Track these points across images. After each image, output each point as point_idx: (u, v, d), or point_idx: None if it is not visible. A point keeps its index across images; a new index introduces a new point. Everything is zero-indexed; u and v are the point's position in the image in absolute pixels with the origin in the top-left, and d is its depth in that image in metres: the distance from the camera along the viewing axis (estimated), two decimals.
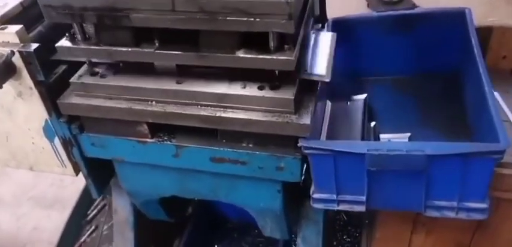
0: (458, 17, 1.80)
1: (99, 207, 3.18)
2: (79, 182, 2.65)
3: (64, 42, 1.52)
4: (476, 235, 1.76)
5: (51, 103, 1.61)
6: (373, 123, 1.77)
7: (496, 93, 1.68)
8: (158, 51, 1.44)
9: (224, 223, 2.93)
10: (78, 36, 1.50)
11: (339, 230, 2.75)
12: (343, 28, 1.98)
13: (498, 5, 2.77)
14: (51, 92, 1.60)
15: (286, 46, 1.34)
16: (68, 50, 1.52)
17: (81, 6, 1.39)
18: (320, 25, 1.93)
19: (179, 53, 1.42)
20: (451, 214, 1.39)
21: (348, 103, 1.63)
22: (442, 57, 1.93)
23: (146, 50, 1.45)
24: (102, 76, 1.58)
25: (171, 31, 1.37)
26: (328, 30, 1.91)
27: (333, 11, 2.03)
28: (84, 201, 3.17)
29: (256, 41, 1.35)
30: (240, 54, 1.37)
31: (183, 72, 1.52)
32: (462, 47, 1.79)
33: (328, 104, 1.60)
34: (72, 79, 1.58)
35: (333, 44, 1.55)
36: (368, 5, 3.45)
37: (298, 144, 1.41)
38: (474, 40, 1.61)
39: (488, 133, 1.30)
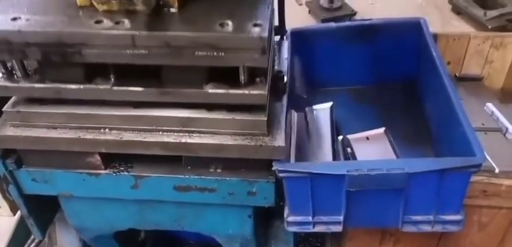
0: (414, 27, 1.83)
1: (37, 240, 2.84)
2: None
3: (0, 80, 1.30)
4: (441, 242, 1.79)
5: None
6: (340, 137, 1.73)
7: None
8: (115, 88, 1.28)
9: (181, 245, 2.76)
10: (18, 73, 1.29)
11: (301, 242, 2.71)
12: (302, 39, 1.94)
13: (442, 13, 2.92)
14: None
15: (257, 79, 1.26)
16: (6, 89, 1.30)
17: (22, 42, 1.18)
18: (279, 37, 1.88)
19: (140, 89, 1.27)
20: (427, 228, 1.38)
21: (314, 112, 1.58)
22: (400, 67, 1.96)
23: (101, 87, 1.28)
24: (42, 102, 1.36)
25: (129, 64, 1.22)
26: (287, 41, 1.86)
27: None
28: (19, 235, 2.82)
29: (224, 74, 1.24)
30: (209, 89, 1.26)
31: None
32: (419, 56, 1.83)
33: (294, 114, 1.53)
34: (6, 108, 1.35)
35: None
36: (309, 12, 3.48)
37: (273, 168, 1.32)
38: (434, 50, 1.63)
39: (460, 146, 1.31)
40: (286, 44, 1.79)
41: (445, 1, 3.67)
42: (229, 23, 1.18)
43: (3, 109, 1.35)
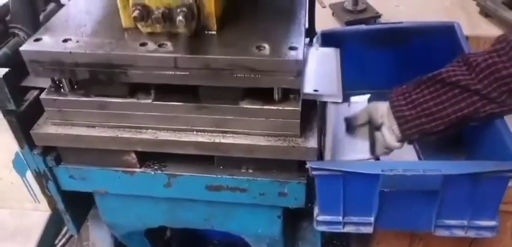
0: (447, 31, 1.80)
1: (67, 236, 2.92)
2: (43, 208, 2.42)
3: (49, 94, 1.37)
4: (473, 246, 1.76)
5: (22, 134, 1.43)
6: None
7: None
8: (155, 103, 1.33)
9: (206, 244, 2.80)
10: (65, 87, 1.36)
11: (324, 244, 2.70)
12: (331, 40, 1.94)
13: (470, 16, 2.86)
14: (23, 122, 1.42)
15: (291, 96, 1.30)
16: (54, 102, 1.37)
17: (73, 62, 1.25)
18: (308, 39, 1.89)
19: (179, 104, 1.32)
20: (461, 233, 1.36)
21: (349, 105, 1.56)
22: (430, 71, 1.92)
23: (142, 101, 1.34)
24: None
25: None
26: (317, 43, 1.86)
27: None
28: (51, 231, 2.90)
29: (259, 90, 1.29)
30: (244, 104, 1.30)
31: None
32: (452, 61, 1.80)
33: (331, 108, 1.53)
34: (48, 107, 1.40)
35: (338, 60, 1.50)
36: (333, 14, 3.48)
37: (307, 166, 1.32)
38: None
39: (496, 150, 1.29)
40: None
41: (473, 4, 3.60)
42: (266, 46, 1.22)
43: (45, 108, 1.40)
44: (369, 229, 1.43)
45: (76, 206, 1.68)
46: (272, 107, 1.28)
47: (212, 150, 1.38)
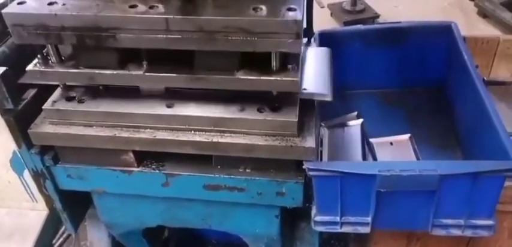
0: (444, 31, 1.81)
1: (65, 235, 2.92)
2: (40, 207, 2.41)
3: (36, 66, 1.33)
4: (470, 246, 1.77)
5: (20, 133, 1.43)
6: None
7: None
8: (148, 74, 1.29)
9: (204, 244, 2.80)
10: (53, 58, 1.32)
11: (322, 244, 2.70)
12: (329, 40, 1.94)
13: (468, 17, 2.88)
14: (20, 121, 1.42)
15: (289, 66, 1.26)
16: (41, 74, 1.33)
17: (58, 26, 1.20)
18: (306, 39, 1.89)
19: (172, 75, 1.29)
20: (458, 232, 1.37)
21: (344, 129, 1.58)
22: (428, 71, 1.94)
23: (134, 72, 1.30)
24: (80, 101, 1.41)
25: (161, 49, 1.24)
26: (315, 44, 1.86)
27: None
28: (48, 230, 2.89)
29: (256, 61, 1.25)
30: (240, 75, 1.26)
31: (173, 94, 1.40)
32: (448, 60, 1.81)
33: (326, 131, 1.54)
34: (46, 106, 1.40)
35: (329, 60, 1.49)
36: (331, 14, 3.48)
37: (303, 167, 1.33)
38: (466, 54, 1.62)
39: (493, 151, 1.29)
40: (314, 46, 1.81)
41: (471, 4, 3.62)
42: (263, 7, 1.17)
43: (43, 107, 1.40)
44: (366, 229, 1.44)
45: (74, 205, 1.67)
46: (270, 78, 1.23)
47: (210, 150, 1.38)
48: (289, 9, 1.15)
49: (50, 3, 1.23)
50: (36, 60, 1.34)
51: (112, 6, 1.21)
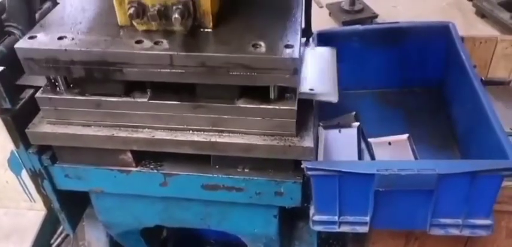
0: (442, 31, 1.82)
1: (63, 235, 2.91)
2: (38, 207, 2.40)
3: (45, 93, 1.36)
4: (468, 246, 1.77)
5: (18, 132, 1.43)
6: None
7: None
8: (152, 102, 1.33)
9: (202, 244, 2.79)
10: (61, 86, 1.35)
11: (321, 244, 2.70)
12: (328, 40, 1.95)
13: (466, 17, 2.88)
14: (18, 120, 1.42)
15: (287, 95, 1.30)
16: (49, 100, 1.36)
17: (68, 60, 1.24)
18: (305, 39, 1.89)
19: (175, 102, 1.32)
20: (456, 232, 1.37)
21: (340, 131, 1.58)
22: (426, 71, 1.95)
23: (138, 100, 1.33)
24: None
25: None
26: (313, 43, 1.87)
27: None
28: (46, 230, 2.88)
29: (255, 89, 1.29)
30: (240, 104, 1.30)
31: None
32: (447, 60, 1.81)
33: (323, 132, 1.55)
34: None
35: (334, 60, 1.50)
36: (330, 14, 3.49)
37: (302, 166, 1.33)
38: (464, 54, 1.62)
39: (491, 150, 1.30)
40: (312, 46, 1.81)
41: (469, 4, 3.62)
42: (262, 44, 1.22)
43: (40, 107, 1.40)
44: (364, 229, 1.44)
45: (72, 205, 1.67)
46: (268, 106, 1.29)
47: (208, 149, 1.38)
48: (287, 47, 1.21)
49: (60, 38, 1.27)
50: (44, 86, 1.38)
51: (119, 41, 1.26)
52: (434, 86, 1.95)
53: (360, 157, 1.51)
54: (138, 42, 1.25)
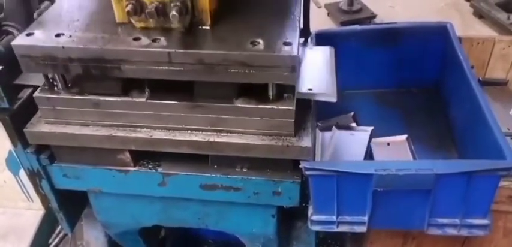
0: (440, 32, 1.82)
1: (61, 235, 2.90)
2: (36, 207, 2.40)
3: (43, 92, 1.36)
4: (465, 246, 1.78)
5: (16, 132, 1.43)
6: None
7: None
8: (150, 101, 1.33)
9: (200, 244, 2.79)
10: (59, 84, 1.35)
11: (319, 243, 2.71)
12: (326, 41, 1.95)
13: (464, 17, 2.89)
14: (16, 120, 1.42)
15: (285, 95, 1.30)
16: (47, 100, 1.35)
17: (65, 57, 1.23)
18: (303, 39, 1.89)
19: (173, 102, 1.32)
20: (453, 232, 1.38)
21: (353, 134, 1.59)
22: (423, 71, 1.95)
23: (137, 99, 1.33)
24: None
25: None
26: (311, 43, 1.87)
27: None
28: (44, 230, 2.88)
29: (254, 88, 1.29)
30: (239, 103, 1.30)
31: None
32: (444, 60, 1.82)
33: (336, 131, 1.55)
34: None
35: (333, 60, 1.50)
36: (328, 14, 3.49)
37: (300, 166, 1.33)
38: (462, 55, 1.62)
39: (488, 150, 1.30)
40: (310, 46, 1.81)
41: (467, 5, 3.63)
42: (260, 41, 1.22)
43: (38, 106, 1.40)
44: (362, 229, 1.45)
45: (70, 205, 1.67)
46: (266, 106, 1.29)
47: (206, 149, 1.38)
48: (285, 44, 1.21)
49: (58, 35, 1.26)
50: (42, 85, 1.37)
51: (117, 39, 1.26)
52: (432, 86, 1.95)
53: (366, 159, 1.51)
54: (136, 39, 1.24)
